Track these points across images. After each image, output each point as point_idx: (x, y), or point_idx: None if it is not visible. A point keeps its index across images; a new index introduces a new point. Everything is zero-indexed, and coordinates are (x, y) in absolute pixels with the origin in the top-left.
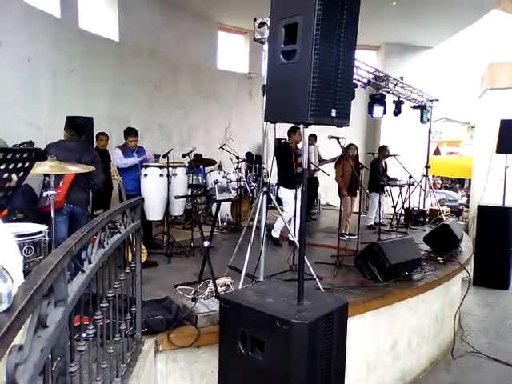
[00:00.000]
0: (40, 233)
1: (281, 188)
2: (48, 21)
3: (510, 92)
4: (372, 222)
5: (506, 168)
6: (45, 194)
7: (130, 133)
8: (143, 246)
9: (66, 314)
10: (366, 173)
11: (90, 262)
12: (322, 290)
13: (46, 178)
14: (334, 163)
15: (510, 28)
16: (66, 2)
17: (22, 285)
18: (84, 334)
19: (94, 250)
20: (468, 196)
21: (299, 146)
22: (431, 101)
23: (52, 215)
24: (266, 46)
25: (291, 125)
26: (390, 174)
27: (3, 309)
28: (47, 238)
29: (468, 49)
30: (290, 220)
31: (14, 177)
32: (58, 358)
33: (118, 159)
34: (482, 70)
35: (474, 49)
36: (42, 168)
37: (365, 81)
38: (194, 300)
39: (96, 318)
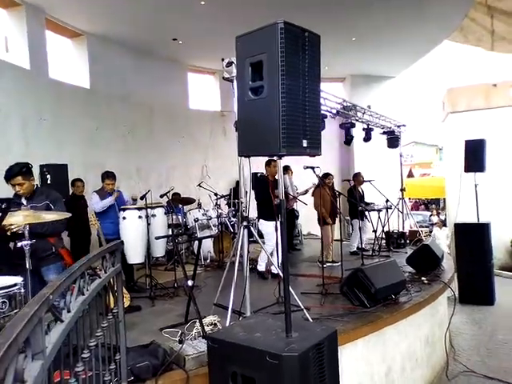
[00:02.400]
0: (15, 285)
1: (261, 221)
2: (17, 73)
3: (469, 114)
4: (355, 249)
5: (475, 186)
6: (19, 244)
7: (108, 176)
8: (125, 291)
9: (45, 367)
10: (343, 200)
11: (69, 311)
12: (311, 320)
13: (20, 227)
14: (310, 192)
15: (463, 55)
16: (35, 54)
17: None
18: None
19: (72, 297)
20: (438, 215)
21: (276, 177)
22: (399, 126)
23: (27, 265)
24: (235, 84)
25: (266, 158)
26: (367, 199)
27: None
28: (22, 291)
29: (429, 75)
30: (272, 252)
31: None
32: None
33: (94, 204)
34: (442, 95)
35: (434, 75)
36: (15, 218)
37: (334, 111)
38: (180, 342)
39: (77, 371)
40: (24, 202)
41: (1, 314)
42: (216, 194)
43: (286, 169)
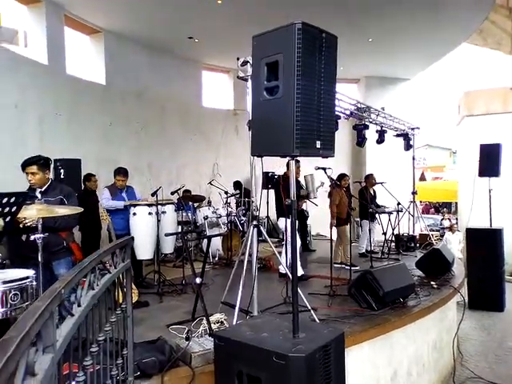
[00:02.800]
0: (27, 278)
1: (280, 219)
2: (35, 68)
3: (486, 118)
4: (364, 250)
5: (489, 191)
6: (32, 237)
7: (120, 172)
8: (134, 286)
9: (55, 361)
10: (354, 201)
11: (79, 305)
12: (318, 321)
13: (32, 221)
14: (325, 193)
15: (481, 58)
16: (53, 50)
17: (9, 331)
18: (73, 383)
19: (83, 292)
20: (450, 220)
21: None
22: (413, 129)
23: (39, 258)
24: (249, 84)
25: (278, 158)
26: (378, 201)
27: None
28: (34, 283)
29: (445, 78)
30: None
31: (1, 222)
32: None
33: (104, 199)
34: (459, 98)
35: (450, 78)
36: (29, 212)
37: (347, 112)
38: (187, 339)
39: (86, 364)
40: (38, 195)
41: (12, 307)
42: (226, 193)
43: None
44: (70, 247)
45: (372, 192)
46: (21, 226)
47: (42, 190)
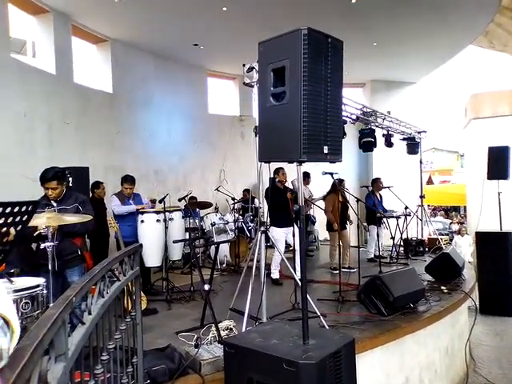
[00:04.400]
0: (38, 286)
1: (271, 227)
2: (43, 77)
3: (493, 120)
4: (372, 255)
5: (499, 193)
6: (42, 245)
7: (127, 180)
8: (142, 294)
9: (67, 370)
10: (361, 206)
11: (90, 313)
12: (327, 327)
13: (44, 229)
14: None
15: (487, 61)
16: (61, 59)
17: (23, 340)
18: None
19: (93, 300)
20: (459, 223)
21: (286, 184)
22: (419, 132)
23: (49, 266)
24: (255, 90)
25: (282, 164)
26: (386, 205)
27: (2, 365)
28: (45, 292)
29: (452, 81)
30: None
31: (12, 231)
32: None
33: (115, 206)
34: (465, 101)
35: (457, 81)
36: (39, 220)
37: (354, 117)
38: (196, 346)
39: (96, 373)
40: (54, 204)
41: (23, 315)
42: (233, 199)
43: (305, 177)
44: (84, 255)
45: (379, 196)
46: (35, 234)
47: (58, 199)
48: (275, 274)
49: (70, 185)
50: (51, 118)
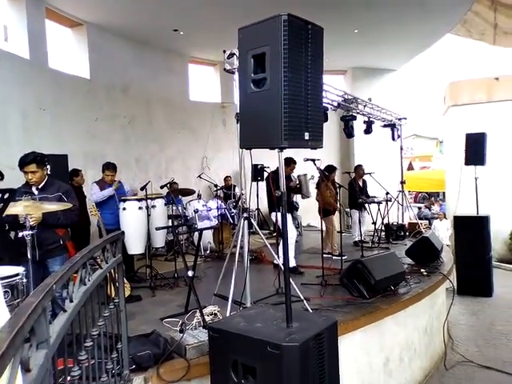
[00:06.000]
0: (17, 275)
1: (273, 213)
2: (17, 62)
3: (471, 108)
4: (357, 239)
5: (475, 179)
6: (20, 234)
7: (108, 167)
8: (126, 281)
9: (49, 356)
10: (343, 192)
11: (71, 301)
12: (310, 310)
13: (21, 218)
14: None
15: (466, 48)
16: (34, 44)
17: (2, 327)
18: (68, 378)
19: (75, 287)
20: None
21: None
22: (400, 119)
23: (29, 255)
24: (236, 76)
25: (266, 150)
26: (368, 191)
27: None
28: (25, 280)
29: (431, 69)
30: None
31: None
32: None
33: (94, 194)
34: (444, 88)
35: (436, 68)
36: (15, 208)
37: (335, 104)
38: (181, 332)
39: (81, 359)
40: (35, 192)
41: None
42: (216, 186)
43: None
44: (66, 245)
45: (361, 183)
46: (31, 223)
47: (40, 186)
48: (292, 262)
49: (49, 173)
50: (25, 104)
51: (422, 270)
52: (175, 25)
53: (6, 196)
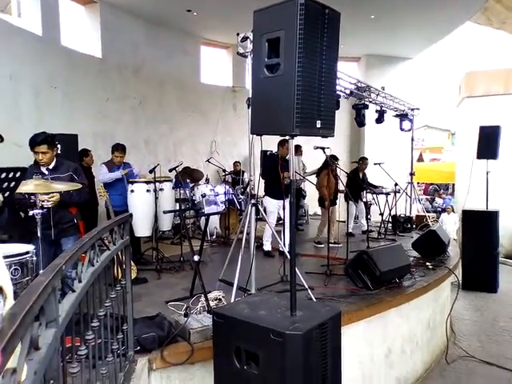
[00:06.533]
0: (27, 253)
1: (266, 197)
2: (29, 39)
3: (486, 99)
4: (365, 227)
5: (487, 173)
6: (31, 212)
7: (118, 148)
8: (132, 263)
9: (58, 335)
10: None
11: (80, 281)
12: (314, 299)
13: (32, 196)
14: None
15: (484, 38)
16: (47, 20)
17: (13, 306)
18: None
19: (84, 268)
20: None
21: (287, 157)
22: (412, 109)
23: (39, 234)
24: (249, 60)
25: (277, 137)
26: (375, 182)
27: None
28: (34, 258)
29: (446, 58)
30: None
31: (0, 197)
32: (52, 381)
33: (101, 175)
34: (460, 79)
35: (452, 58)
36: (26, 187)
37: (347, 91)
38: (186, 316)
39: (87, 338)
40: (45, 172)
41: (13, 281)
42: (224, 171)
43: (297, 149)
44: (79, 224)
45: (361, 175)
46: (47, 204)
47: (50, 167)
48: (267, 246)
49: (59, 152)
50: (37, 81)
51: (428, 264)
52: (189, 5)
53: (18, 175)
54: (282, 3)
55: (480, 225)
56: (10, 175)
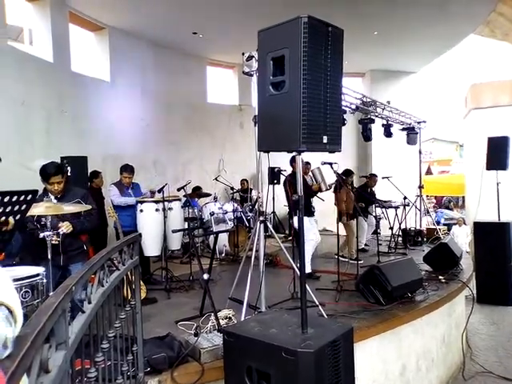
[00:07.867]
0: (37, 275)
1: (294, 218)
2: (41, 65)
3: (493, 111)
4: (363, 246)
5: (497, 184)
6: (41, 235)
7: (126, 169)
8: (141, 283)
9: (68, 358)
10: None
11: (89, 302)
12: (326, 316)
13: (42, 219)
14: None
15: (488, 50)
16: (58, 47)
17: (23, 328)
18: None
19: (93, 289)
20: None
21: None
22: (419, 122)
23: (49, 256)
24: (254, 79)
25: (283, 154)
26: (384, 196)
27: (7, 354)
28: (45, 281)
29: (452, 71)
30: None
31: (11, 220)
32: None
33: (113, 196)
34: (465, 90)
35: (457, 70)
36: (37, 209)
37: (353, 106)
38: (196, 335)
39: (97, 360)
40: (54, 201)
41: (23, 304)
42: (232, 188)
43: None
44: (88, 250)
45: (368, 190)
46: (61, 231)
47: (59, 196)
48: (308, 268)
49: (69, 174)
50: (48, 106)
51: (441, 277)
52: (194, 27)
53: (29, 197)
54: (286, 22)
55: (492, 236)
56: (21, 198)
